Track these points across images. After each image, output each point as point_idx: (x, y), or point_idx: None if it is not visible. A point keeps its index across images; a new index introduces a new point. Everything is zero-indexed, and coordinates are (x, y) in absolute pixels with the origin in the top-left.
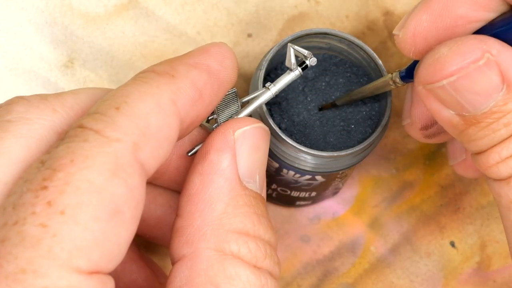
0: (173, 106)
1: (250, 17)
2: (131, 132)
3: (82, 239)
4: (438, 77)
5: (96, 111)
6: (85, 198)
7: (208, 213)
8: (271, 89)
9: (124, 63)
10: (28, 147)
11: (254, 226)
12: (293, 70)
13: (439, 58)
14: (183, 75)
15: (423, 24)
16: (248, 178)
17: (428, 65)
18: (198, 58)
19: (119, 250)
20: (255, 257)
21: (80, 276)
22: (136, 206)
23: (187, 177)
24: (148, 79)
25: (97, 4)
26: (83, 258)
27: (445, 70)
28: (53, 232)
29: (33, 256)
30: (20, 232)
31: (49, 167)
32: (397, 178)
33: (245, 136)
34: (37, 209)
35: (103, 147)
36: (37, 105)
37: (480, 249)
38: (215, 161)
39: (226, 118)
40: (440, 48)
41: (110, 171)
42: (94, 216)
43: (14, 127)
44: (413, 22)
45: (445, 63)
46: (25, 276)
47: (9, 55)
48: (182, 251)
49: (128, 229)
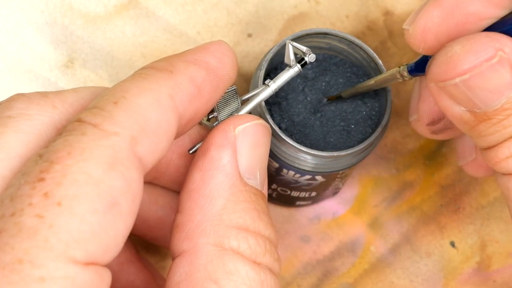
0: (171, 102)
1: (250, 17)
2: (129, 126)
3: (78, 230)
4: (451, 75)
5: (95, 105)
6: (82, 190)
7: (208, 209)
8: (271, 86)
9: (124, 63)
10: (27, 142)
11: (254, 222)
12: (292, 66)
13: (452, 56)
14: (181, 71)
15: (434, 20)
16: (248, 174)
17: (440, 62)
18: (197, 55)
19: (116, 243)
20: (254, 253)
21: (76, 267)
22: (134, 200)
23: (188, 174)
24: (147, 75)
25: (97, 4)
26: (80, 249)
27: (458, 68)
28: (49, 223)
29: (30, 247)
30: (17, 223)
31: (47, 159)
32: (397, 178)
33: (245, 133)
34: (34, 200)
35: (100, 141)
36: (38, 101)
37: (480, 249)
38: (216, 157)
39: (227, 115)
40: (452, 46)
41: (107, 164)
42: (91, 208)
43: (14, 123)
44: (424, 17)
45: (458, 61)
46: (21, 267)
47: (9, 55)
48: (182, 246)
49: (125, 222)
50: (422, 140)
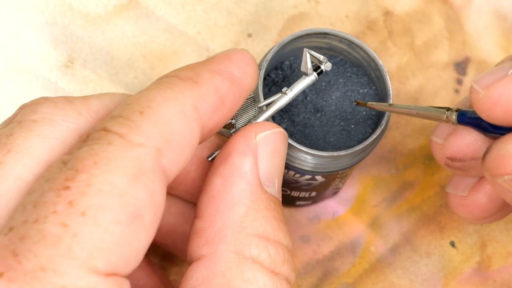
0: (196, 113)
1: (250, 17)
2: (154, 137)
3: (102, 240)
4: (501, 172)
5: (120, 114)
6: (107, 201)
7: (229, 215)
8: (288, 94)
9: (124, 63)
10: (51, 148)
11: (274, 230)
12: (309, 75)
13: (504, 154)
14: (206, 82)
15: (510, 98)
16: (268, 182)
17: (493, 158)
18: (221, 65)
19: (137, 254)
20: (274, 262)
21: (98, 277)
22: (156, 212)
23: (208, 179)
24: (171, 84)
25: (97, 4)
26: (102, 259)
27: (507, 168)
28: (73, 232)
29: (53, 255)
30: (40, 230)
31: (72, 167)
32: (397, 178)
33: (266, 140)
34: (59, 208)
35: (126, 151)
36: (63, 107)
37: (480, 249)
38: (238, 163)
39: (244, 123)
40: (506, 144)
41: (132, 175)
42: (115, 219)
43: (39, 128)
44: (501, 89)
45: (508, 163)
46: (44, 274)
47: (9, 55)
48: (201, 251)
49: (147, 234)
50: (422, 140)
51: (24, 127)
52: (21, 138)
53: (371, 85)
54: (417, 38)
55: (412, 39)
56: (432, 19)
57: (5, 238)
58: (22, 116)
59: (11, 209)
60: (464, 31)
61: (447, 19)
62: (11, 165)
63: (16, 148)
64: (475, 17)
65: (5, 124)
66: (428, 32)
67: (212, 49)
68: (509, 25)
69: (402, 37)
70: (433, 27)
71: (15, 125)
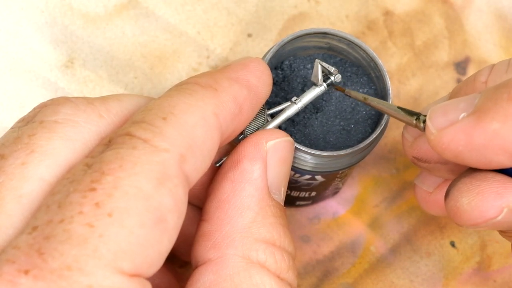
0: (216, 120)
1: (250, 17)
2: (178, 143)
3: (127, 242)
4: (459, 223)
5: (143, 120)
6: (133, 203)
7: (237, 220)
8: (298, 104)
9: (124, 63)
10: (73, 150)
11: (280, 237)
12: (319, 85)
13: (460, 207)
14: (225, 90)
15: (459, 147)
16: (275, 189)
17: (451, 207)
18: (239, 73)
19: (159, 257)
20: (279, 268)
21: (123, 277)
22: (179, 217)
23: (216, 184)
24: (192, 91)
25: (97, 4)
26: (127, 260)
27: (464, 221)
28: (99, 233)
29: (79, 254)
30: (66, 230)
31: (98, 170)
32: (397, 178)
33: (275, 148)
34: (85, 209)
35: (151, 156)
36: (84, 108)
37: (480, 249)
38: (248, 169)
39: (254, 129)
40: (459, 198)
41: (157, 180)
42: (140, 221)
43: (62, 129)
44: (450, 137)
45: (463, 217)
46: (70, 273)
47: (9, 55)
48: (208, 255)
49: (169, 238)
50: None
51: (46, 127)
52: (44, 138)
53: (371, 85)
54: (417, 38)
55: (412, 39)
56: (432, 19)
57: (29, 237)
58: (44, 116)
59: (34, 210)
60: (464, 31)
61: (447, 19)
62: (34, 165)
63: (39, 149)
64: (475, 17)
65: (24, 122)
66: (428, 32)
67: (212, 49)
68: (509, 25)
69: (402, 37)
70: (433, 27)
71: (37, 125)
